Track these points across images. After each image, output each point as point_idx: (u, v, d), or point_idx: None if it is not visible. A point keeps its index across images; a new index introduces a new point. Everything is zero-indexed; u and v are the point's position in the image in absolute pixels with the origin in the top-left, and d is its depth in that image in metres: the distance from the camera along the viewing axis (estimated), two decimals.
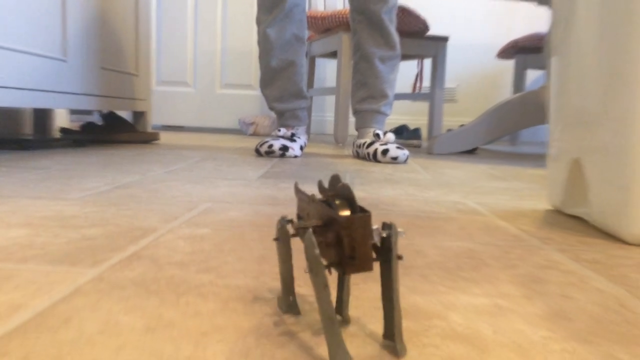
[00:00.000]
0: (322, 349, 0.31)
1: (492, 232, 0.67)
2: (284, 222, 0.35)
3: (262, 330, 0.34)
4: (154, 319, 0.34)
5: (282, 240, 0.35)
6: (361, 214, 0.30)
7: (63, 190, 0.83)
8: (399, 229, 0.33)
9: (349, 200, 0.31)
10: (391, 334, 0.32)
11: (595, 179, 0.71)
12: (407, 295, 0.41)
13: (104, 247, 0.51)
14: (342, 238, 0.29)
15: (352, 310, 0.38)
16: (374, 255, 0.31)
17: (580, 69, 0.76)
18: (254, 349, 0.31)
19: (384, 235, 0.31)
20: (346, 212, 0.30)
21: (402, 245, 0.57)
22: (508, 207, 0.88)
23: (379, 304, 0.39)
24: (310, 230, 0.30)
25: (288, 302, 0.37)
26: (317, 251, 0.29)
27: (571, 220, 0.78)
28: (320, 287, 0.29)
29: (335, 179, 0.33)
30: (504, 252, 0.57)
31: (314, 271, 0.29)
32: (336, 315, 0.29)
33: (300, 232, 0.34)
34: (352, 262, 0.30)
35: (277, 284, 0.43)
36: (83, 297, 0.38)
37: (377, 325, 0.35)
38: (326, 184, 1.06)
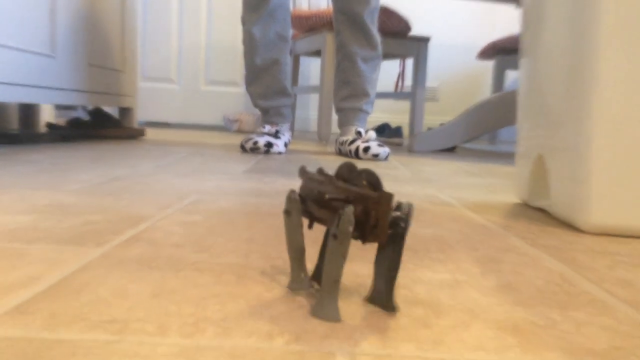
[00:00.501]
0: (308, 313, 0.37)
1: (461, 221, 0.73)
2: (294, 194, 0.39)
3: (253, 295, 0.39)
4: (158, 287, 0.40)
5: (294, 212, 0.39)
6: (388, 192, 0.35)
7: (59, 182, 0.87)
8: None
9: (374, 184, 0.37)
10: (381, 297, 0.38)
11: (556, 174, 0.78)
12: None
13: (105, 230, 0.56)
14: (369, 211, 0.35)
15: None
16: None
17: (547, 71, 0.82)
18: (245, 309, 0.36)
19: (396, 214, 0.37)
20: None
21: None
22: (479, 200, 0.94)
23: (362, 280, 0.45)
24: (352, 207, 0.34)
25: (300, 279, 0.40)
26: (351, 228, 0.34)
27: (535, 212, 0.85)
28: (339, 255, 0.34)
29: (349, 165, 0.38)
30: (468, 238, 0.63)
31: (340, 240, 0.34)
32: (340, 280, 0.35)
33: (312, 208, 0.38)
34: (373, 232, 0.35)
35: (264, 262, 0.48)
36: (93, 270, 0.43)
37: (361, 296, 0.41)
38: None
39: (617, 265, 0.54)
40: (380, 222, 0.35)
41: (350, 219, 0.34)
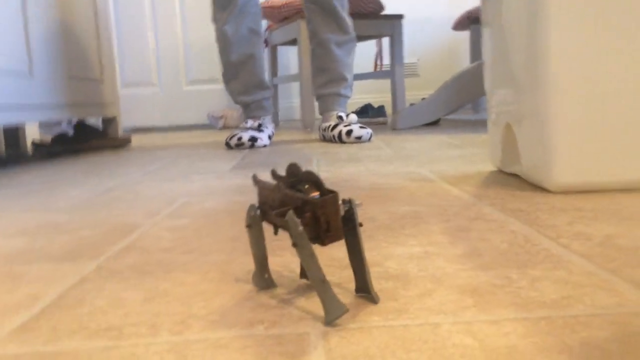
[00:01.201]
0: (284, 301, 0.40)
1: (437, 195, 0.77)
2: (254, 209, 0.41)
3: (235, 290, 0.42)
4: (150, 292, 0.43)
5: (255, 226, 0.41)
6: (331, 194, 0.36)
7: (49, 201, 0.90)
8: (357, 202, 0.39)
9: (315, 183, 0.37)
10: (364, 287, 0.39)
11: (523, 140, 0.81)
12: None
13: (98, 243, 0.60)
14: (318, 216, 0.36)
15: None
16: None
17: (508, 41, 0.85)
18: (229, 303, 0.40)
19: (346, 208, 0.38)
20: (315, 194, 0.37)
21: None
22: (457, 172, 0.97)
23: (337, 263, 0.48)
24: (292, 211, 0.35)
25: (264, 279, 0.42)
26: (300, 228, 0.35)
27: (508, 178, 0.89)
28: (308, 256, 0.35)
29: (293, 167, 0.40)
30: (442, 210, 0.67)
31: (300, 245, 0.35)
32: (325, 277, 0.35)
33: (272, 217, 0.39)
34: (328, 235, 0.36)
35: (247, 258, 0.51)
36: (89, 283, 0.46)
37: (344, 282, 0.44)
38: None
39: (578, 221, 0.58)
40: (331, 224, 0.36)
41: (295, 221, 0.35)
